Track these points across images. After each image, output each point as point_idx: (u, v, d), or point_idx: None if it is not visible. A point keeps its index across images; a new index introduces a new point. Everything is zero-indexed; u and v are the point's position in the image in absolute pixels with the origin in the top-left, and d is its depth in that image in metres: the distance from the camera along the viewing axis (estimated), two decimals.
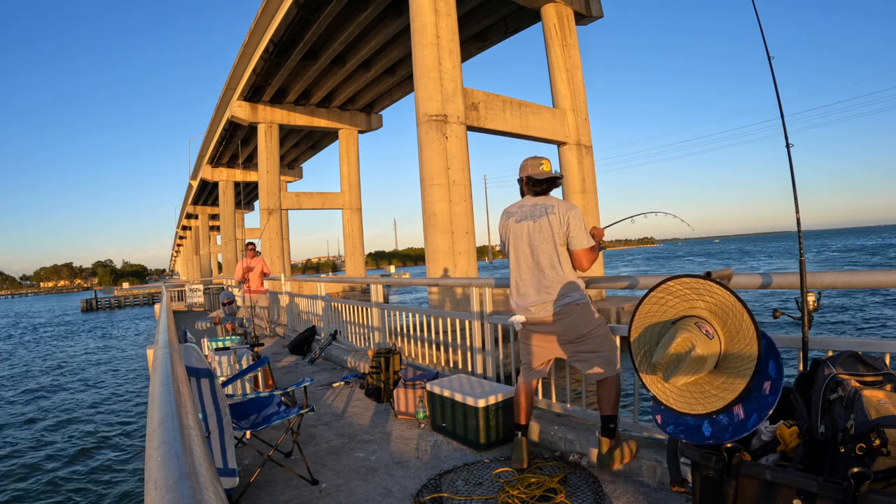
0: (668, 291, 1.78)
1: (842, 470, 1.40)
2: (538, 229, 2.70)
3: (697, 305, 1.74)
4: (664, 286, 1.79)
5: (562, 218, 2.67)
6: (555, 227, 2.67)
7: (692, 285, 1.74)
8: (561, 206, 2.70)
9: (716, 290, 1.70)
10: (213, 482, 0.63)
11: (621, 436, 2.73)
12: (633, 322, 1.86)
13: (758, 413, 1.60)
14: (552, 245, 2.67)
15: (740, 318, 1.65)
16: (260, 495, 2.66)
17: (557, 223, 2.67)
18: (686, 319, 1.72)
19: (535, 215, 2.73)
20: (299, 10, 15.46)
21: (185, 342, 3.20)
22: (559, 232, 2.66)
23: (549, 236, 2.67)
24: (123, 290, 48.66)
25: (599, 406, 2.72)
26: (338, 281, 19.32)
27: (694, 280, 1.74)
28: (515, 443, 2.81)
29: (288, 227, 31.80)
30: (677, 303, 1.77)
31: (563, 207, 2.69)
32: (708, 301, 1.72)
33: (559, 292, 2.66)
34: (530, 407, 2.89)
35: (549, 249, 2.68)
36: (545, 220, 2.69)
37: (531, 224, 2.73)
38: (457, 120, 11.66)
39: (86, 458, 7.24)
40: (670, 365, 1.66)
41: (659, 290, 1.79)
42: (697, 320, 1.70)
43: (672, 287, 1.77)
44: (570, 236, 2.66)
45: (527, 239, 2.73)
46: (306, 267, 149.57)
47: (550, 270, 2.67)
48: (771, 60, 2.04)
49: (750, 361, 1.62)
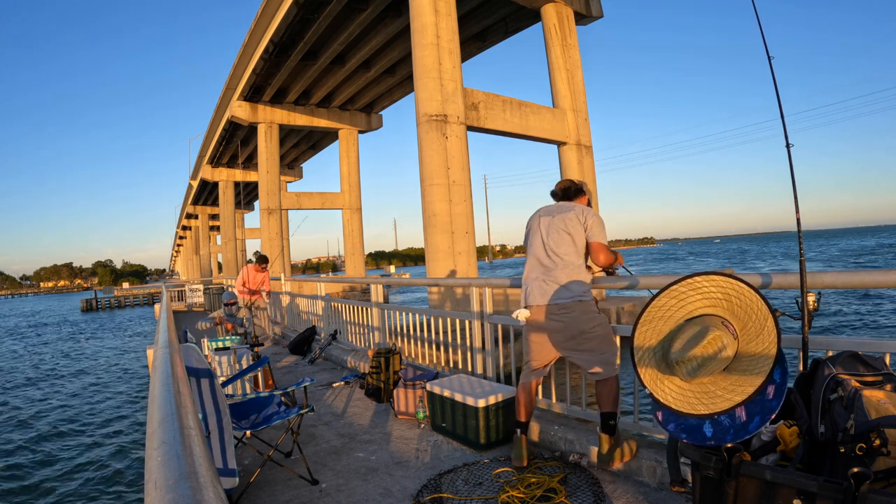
0: (692, 287, 1.74)
1: (842, 470, 1.40)
2: (554, 224, 2.80)
3: (719, 304, 1.71)
4: (689, 281, 1.75)
5: (580, 215, 2.79)
6: (569, 223, 2.77)
7: (719, 283, 1.71)
8: (580, 207, 2.85)
9: (744, 290, 1.68)
10: (213, 482, 0.63)
11: (621, 434, 2.73)
12: (645, 314, 1.81)
13: (760, 416, 1.60)
14: (565, 238, 2.76)
15: (764, 322, 1.63)
16: (260, 495, 2.66)
17: (574, 218, 2.77)
18: (711, 318, 1.69)
19: (554, 212, 2.87)
20: (299, 10, 15.46)
21: (185, 342, 3.20)
22: (574, 227, 2.75)
23: (562, 229, 2.77)
24: (123, 290, 48.69)
25: (599, 403, 2.74)
26: (338, 281, 19.33)
27: (722, 278, 1.71)
28: (515, 440, 2.82)
29: (288, 227, 31.81)
30: (698, 299, 1.73)
31: (582, 208, 2.84)
32: (732, 301, 1.69)
33: (565, 285, 2.71)
34: (531, 405, 2.90)
35: (561, 242, 2.76)
36: (562, 217, 2.81)
37: (549, 219, 2.85)
38: (457, 120, 11.66)
39: (85, 458, 7.24)
40: (695, 363, 1.62)
41: (682, 285, 1.75)
42: (723, 320, 1.68)
43: (698, 283, 1.73)
44: (589, 228, 2.75)
45: (542, 232, 2.83)
46: (306, 267, 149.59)
47: (560, 262, 2.75)
48: (771, 60, 2.04)
49: (766, 365, 1.61)
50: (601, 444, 2.66)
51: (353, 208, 25.41)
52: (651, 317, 1.79)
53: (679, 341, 1.67)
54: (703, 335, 1.61)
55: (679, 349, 1.65)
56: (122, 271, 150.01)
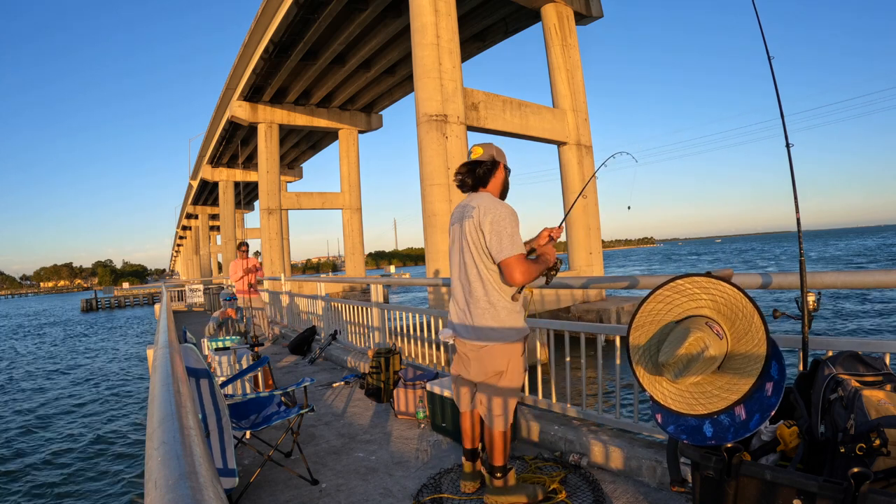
0: (676, 290, 1.76)
1: (842, 470, 1.40)
2: (462, 237, 2.27)
3: (705, 305, 1.72)
4: (672, 284, 1.77)
5: (477, 223, 2.18)
6: (470, 236, 2.21)
7: (702, 284, 1.72)
8: (480, 207, 2.19)
9: (727, 290, 1.69)
10: (212, 482, 0.63)
11: (518, 479, 2.45)
12: (636, 319, 1.83)
13: (760, 414, 1.60)
14: (471, 257, 2.23)
15: (750, 320, 1.64)
16: (260, 495, 2.66)
17: (473, 229, 2.19)
18: (695, 319, 1.70)
19: (462, 217, 2.28)
20: (299, 10, 15.47)
21: (184, 342, 3.20)
22: (475, 242, 2.19)
23: (468, 248, 2.23)
24: (123, 290, 48.68)
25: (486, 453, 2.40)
26: (338, 281, 19.34)
27: (705, 279, 1.72)
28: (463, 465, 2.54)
29: (288, 227, 31.82)
30: (684, 301, 1.75)
31: (482, 208, 2.18)
32: (718, 301, 1.70)
33: (477, 323, 2.23)
34: (474, 430, 2.51)
35: (469, 263, 2.24)
36: (466, 225, 2.23)
37: (459, 228, 2.30)
38: (457, 120, 11.67)
39: (85, 458, 7.24)
40: (680, 365, 1.64)
41: (667, 288, 1.77)
42: (707, 320, 1.69)
43: (681, 285, 1.75)
44: (488, 244, 2.14)
45: (457, 246, 2.33)
46: (306, 267, 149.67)
47: (471, 298, 2.25)
48: (771, 60, 2.04)
49: (757, 362, 1.61)
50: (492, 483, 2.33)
51: (353, 208, 25.42)
52: (642, 321, 1.81)
53: (665, 344, 1.69)
54: (685, 337, 1.63)
55: (665, 352, 1.67)
56: (123, 271, 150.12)
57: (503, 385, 2.29)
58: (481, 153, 2.31)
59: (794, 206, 1.92)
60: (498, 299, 2.22)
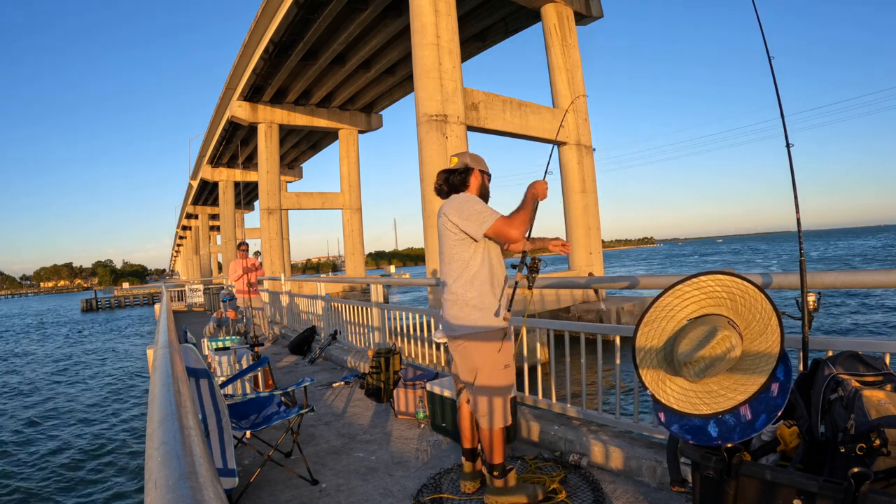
0: (696, 286, 1.74)
1: (842, 470, 1.40)
2: (440, 236, 2.39)
3: (724, 304, 1.71)
4: (694, 280, 1.74)
5: (446, 218, 2.30)
6: (444, 235, 2.33)
7: (725, 283, 1.70)
8: (445, 205, 2.35)
9: (749, 289, 1.67)
10: (212, 482, 0.63)
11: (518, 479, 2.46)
12: (649, 314, 1.78)
13: (766, 414, 1.60)
14: (449, 254, 2.34)
15: (767, 321, 1.63)
16: (260, 495, 2.66)
17: (445, 226, 2.32)
18: (717, 318, 1.68)
19: (440, 216, 2.41)
20: (299, 10, 15.47)
21: (185, 342, 3.20)
22: (452, 240, 2.30)
23: (444, 244, 2.35)
24: (123, 290, 48.65)
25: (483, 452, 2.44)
26: (338, 281, 19.33)
27: (729, 278, 1.71)
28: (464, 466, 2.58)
29: (288, 227, 31.81)
30: (702, 299, 1.72)
31: (447, 205, 2.33)
32: (737, 300, 1.69)
33: (458, 314, 2.31)
34: (472, 429, 2.54)
35: (447, 259, 2.35)
36: (439, 226, 2.38)
37: (439, 231, 2.41)
38: (457, 120, 11.67)
39: (85, 458, 7.24)
40: (702, 364, 1.61)
41: (687, 284, 1.74)
42: (729, 319, 1.67)
43: (703, 282, 1.72)
44: (466, 230, 2.23)
45: (440, 246, 2.45)
46: (306, 267, 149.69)
47: (449, 286, 2.34)
48: (771, 60, 2.04)
49: (768, 364, 1.60)
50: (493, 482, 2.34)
51: (353, 208, 25.42)
52: (655, 317, 1.77)
53: (686, 342, 1.65)
54: (713, 335, 1.60)
55: (687, 350, 1.64)
56: (123, 271, 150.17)
57: (481, 383, 2.34)
58: (456, 162, 2.45)
59: (795, 205, 1.92)
60: (469, 295, 2.29)
